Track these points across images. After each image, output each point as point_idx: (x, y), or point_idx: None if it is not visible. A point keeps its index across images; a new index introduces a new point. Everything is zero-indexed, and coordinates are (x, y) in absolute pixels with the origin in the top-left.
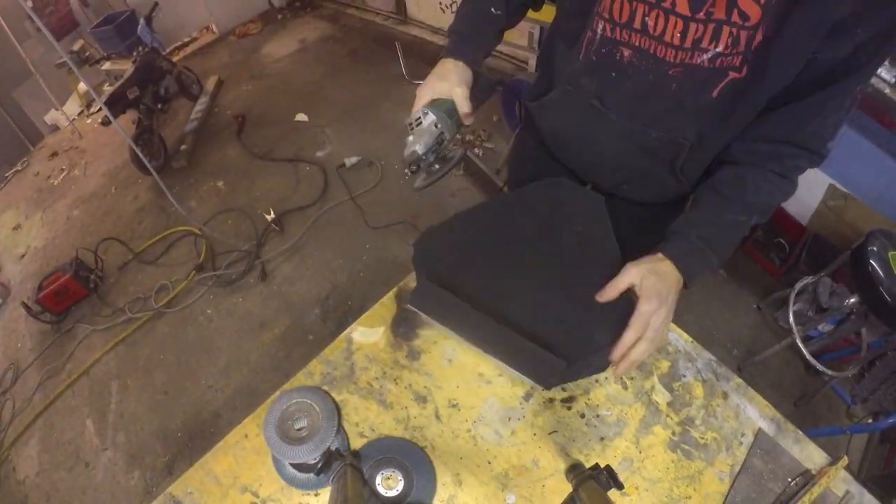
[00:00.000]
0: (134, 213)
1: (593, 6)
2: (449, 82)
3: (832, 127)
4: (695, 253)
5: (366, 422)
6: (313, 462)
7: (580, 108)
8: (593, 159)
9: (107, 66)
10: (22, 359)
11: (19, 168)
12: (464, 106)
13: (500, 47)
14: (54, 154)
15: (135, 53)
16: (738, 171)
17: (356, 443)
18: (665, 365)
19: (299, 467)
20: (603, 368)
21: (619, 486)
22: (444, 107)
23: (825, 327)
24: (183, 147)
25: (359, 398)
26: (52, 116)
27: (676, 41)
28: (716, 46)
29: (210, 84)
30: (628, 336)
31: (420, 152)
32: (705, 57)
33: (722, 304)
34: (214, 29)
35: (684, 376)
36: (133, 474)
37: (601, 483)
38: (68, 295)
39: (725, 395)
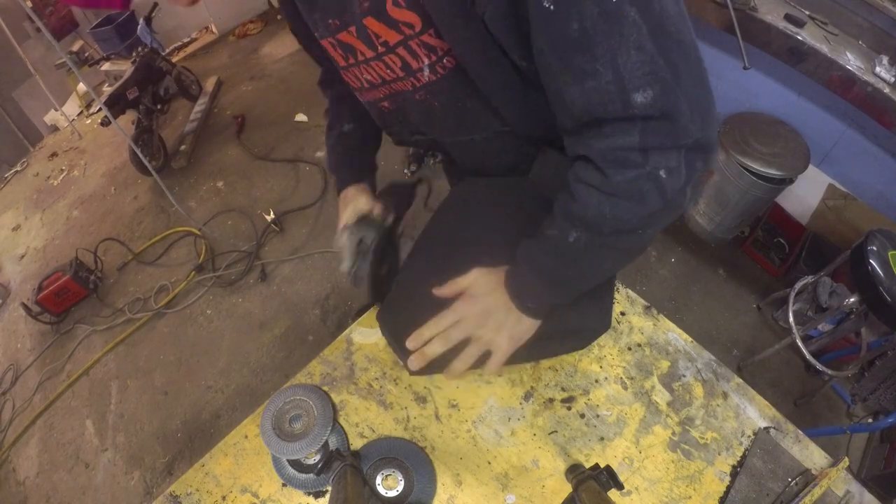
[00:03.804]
0: (134, 213)
1: None
2: (346, 209)
3: (608, 62)
4: (518, 270)
5: (366, 422)
6: (312, 462)
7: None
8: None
9: (106, 66)
10: (22, 359)
11: (19, 168)
12: (364, 206)
13: None
14: (54, 154)
15: (134, 54)
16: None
17: (356, 443)
18: (665, 365)
19: (299, 468)
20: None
21: (619, 486)
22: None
23: (825, 327)
24: (183, 147)
25: (359, 398)
26: (51, 117)
27: (391, 76)
28: (420, 62)
29: (210, 84)
30: (425, 329)
31: (347, 266)
32: (426, 73)
33: (722, 304)
34: (214, 29)
35: (684, 376)
36: (133, 475)
37: (601, 483)
38: (68, 295)
39: (725, 395)
